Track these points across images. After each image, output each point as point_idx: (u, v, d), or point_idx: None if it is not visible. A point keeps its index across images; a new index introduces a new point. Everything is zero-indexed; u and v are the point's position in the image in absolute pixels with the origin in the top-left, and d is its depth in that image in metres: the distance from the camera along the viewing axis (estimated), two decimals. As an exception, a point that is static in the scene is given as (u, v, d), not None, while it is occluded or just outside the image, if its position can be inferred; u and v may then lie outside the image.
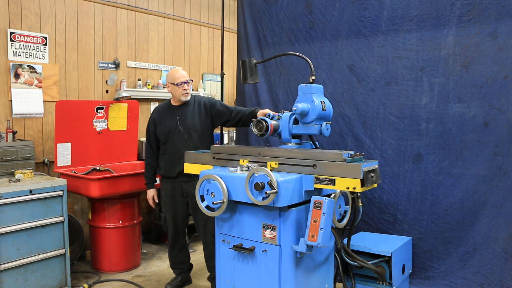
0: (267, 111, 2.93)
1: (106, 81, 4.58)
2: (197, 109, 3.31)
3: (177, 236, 3.44)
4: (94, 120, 4.17)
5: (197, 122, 3.28)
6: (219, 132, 4.68)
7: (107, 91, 4.61)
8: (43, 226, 3.21)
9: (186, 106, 3.31)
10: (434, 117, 2.95)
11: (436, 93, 2.94)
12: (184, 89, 3.24)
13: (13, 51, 3.86)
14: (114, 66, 4.64)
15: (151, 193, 3.50)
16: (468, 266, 2.85)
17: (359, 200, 2.60)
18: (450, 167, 2.91)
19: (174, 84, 3.24)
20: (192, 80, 3.37)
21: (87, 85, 4.43)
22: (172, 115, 3.30)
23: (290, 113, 2.61)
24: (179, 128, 3.25)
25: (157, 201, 3.52)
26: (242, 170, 2.40)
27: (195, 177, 3.13)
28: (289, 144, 2.61)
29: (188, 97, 3.29)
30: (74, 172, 3.91)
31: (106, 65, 4.58)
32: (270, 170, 2.27)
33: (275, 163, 2.40)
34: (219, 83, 4.90)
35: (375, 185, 2.26)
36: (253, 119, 2.70)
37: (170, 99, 3.41)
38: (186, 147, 3.18)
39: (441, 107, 2.92)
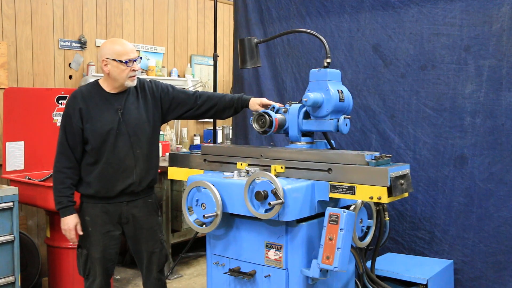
0: (265, 100, 2.84)
1: (70, 64, 4.59)
2: (142, 98, 2.92)
3: (108, 280, 3.02)
4: (54, 113, 4.17)
5: (144, 118, 2.89)
6: (211, 128, 4.69)
7: (70, 77, 4.62)
8: (-12, 246, 3.22)
9: (127, 94, 2.88)
10: (482, 109, 2.95)
11: (485, 79, 2.94)
12: (133, 70, 2.81)
13: (-49, 26, 3.89)
14: (79, 45, 4.66)
15: (73, 221, 2.83)
16: (532, 300, 2.84)
17: (386, 213, 2.59)
18: (503, 172, 2.89)
19: (118, 61, 2.76)
20: (141, 58, 3.02)
21: (44, 69, 4.45)
22: (109, 108, 2.83)
23: (299, 104, 2.62)
24: (121, 128, 2.82)
25: (81, 233, 2.87)
26: (240, 176, 2.41)
27: (143, 193, 2.91)
28: (298, 143, 2.63)
29: (135, 82, 2.87)
30: (29, 179, 3.92)
31: (69, 44, 4.60)
32: (275, 175, 2.28)
33: (281, 167, 2.41)
34: (212, 67, 4.92)
35: (406, 194, 2.27)
36: (253, 113, 2.70)
37: (97, 81, 2.92)
38: (131, 155, 2.83)
39: (492, 96, 2.92)
